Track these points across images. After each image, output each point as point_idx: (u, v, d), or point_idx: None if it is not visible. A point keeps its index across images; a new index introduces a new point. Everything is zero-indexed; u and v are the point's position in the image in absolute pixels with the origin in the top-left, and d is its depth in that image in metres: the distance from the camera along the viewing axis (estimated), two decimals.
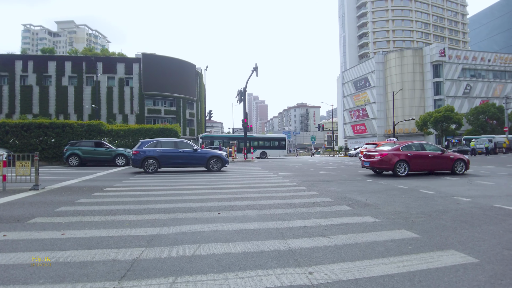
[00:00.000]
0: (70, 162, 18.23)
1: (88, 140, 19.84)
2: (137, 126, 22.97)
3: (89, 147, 18.77)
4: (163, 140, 14.64)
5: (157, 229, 4.49)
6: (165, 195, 7.73)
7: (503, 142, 39.46)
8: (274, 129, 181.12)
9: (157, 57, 50.93)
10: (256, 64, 22.60)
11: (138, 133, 22.11)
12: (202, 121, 56.49)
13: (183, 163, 14.20)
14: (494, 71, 67.16)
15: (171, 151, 14.16)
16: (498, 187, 8.69)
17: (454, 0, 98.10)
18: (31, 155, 8.91)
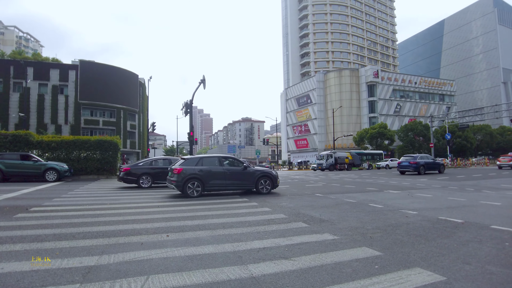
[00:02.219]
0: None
1: (13, 153, 17.58)
2: (71, 137, 21.02)
3: (14, 160, 16.57)
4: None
5: (95, 258, 3.83)
6: (104, 215, 6.90)
7: (345, 157, 39.75)
8: (219, 143, 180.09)
9: (97, 65, 47.89)
10: (203, 76, 22.14)
11: (73, 145, 20.22)
12: (144, 133, 53.96)
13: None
14: (420, 93, 74.29)
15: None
16: (437, 199, 9.21)
17: (385, 27, 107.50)
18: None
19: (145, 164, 14.73)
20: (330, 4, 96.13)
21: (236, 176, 10.99)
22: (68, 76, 44.98)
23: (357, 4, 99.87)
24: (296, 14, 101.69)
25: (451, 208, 7.72)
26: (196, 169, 10.48)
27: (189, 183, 10.24)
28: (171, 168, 10.86)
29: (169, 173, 10.88)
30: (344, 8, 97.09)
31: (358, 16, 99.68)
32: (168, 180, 10.78)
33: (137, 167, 14.54)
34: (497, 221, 6.05)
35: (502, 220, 6.09)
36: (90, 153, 20.62)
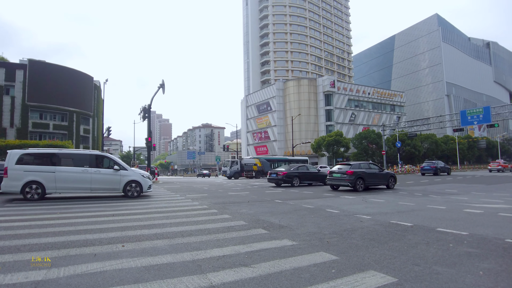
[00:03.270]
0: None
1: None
2: (17, 141, 19.59)
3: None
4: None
5: (43, 272, 3.57)
6: (53, 225, 6.46)
7: (253, 164, 37.66)
8: (178, 148, 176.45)
9: (48, 65, 45.03)
10: (162, 81, 21.67)
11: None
12: (99, 138, 51.47)
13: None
14: (373, 103, 78.24)
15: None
16: (388, 204, 9.71)
17: (342, 40, 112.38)
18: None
19: (295, 169, 19.68)
20: (290, 15, 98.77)
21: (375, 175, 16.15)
22: (15, 76, 41.85)
23: (316, 17, 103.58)
24: (257, 23, 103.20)
25: (402, 212, 8.18)
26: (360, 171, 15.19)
27: (357, 181, 14.85)
28: (341, 170, 15.47)
29: (339, 175, 15.49)
30: (303, 20, 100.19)
31: (316, 28, 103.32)
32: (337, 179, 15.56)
33: (291, 171, 19.32)
34: (442, 224, 6.49)
35: (447, 223, 6.55)
36: None
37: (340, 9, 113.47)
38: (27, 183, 11.01)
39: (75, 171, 11.70)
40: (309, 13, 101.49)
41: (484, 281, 3.28)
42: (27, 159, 11.40)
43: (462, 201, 10.47)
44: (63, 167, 11.61)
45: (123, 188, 12.33)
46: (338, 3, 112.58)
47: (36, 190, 11.14)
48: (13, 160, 11.09)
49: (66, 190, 11.81)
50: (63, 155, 12.13)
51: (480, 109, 36.36)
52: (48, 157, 11.79)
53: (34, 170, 11.19)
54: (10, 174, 10.92)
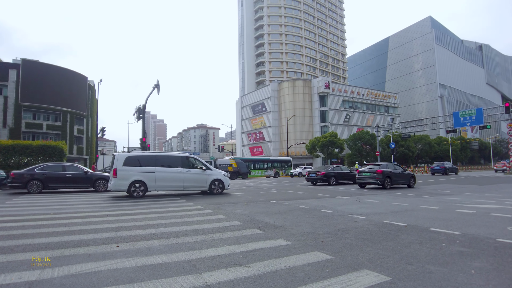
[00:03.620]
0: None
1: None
2: (10, 142, 19.36)
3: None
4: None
5: (37, 273, 3.56)
6: (47, 225, 6.42)
7: (228, 165, 35.28)
8: (173, 149, 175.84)
9: (41, 65, 44.63)
10: (157, 81, 21.60)
11: (12, 150, 18.61)
12: (93, 138, 51.10)
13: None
14: (367, 104, 78.72)
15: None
16: (382, 205, 9.78)
17: (336, 41, 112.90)
18: None
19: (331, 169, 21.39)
20: (285, 16, 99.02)
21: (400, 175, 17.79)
22: (8, 76, 41.41)
23: (310, 18, 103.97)
24: (252, 24, 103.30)
25: (395, 212, 8.25)
26: (388, 171, 16.96)
27: (386, 179, 16.64)
28: (370, 170, 17.15)
29: (369, 174, 17.12)
30: (298, 21, 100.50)
31: (311, 29, 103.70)
32: (366, 178, 17.17)
33: (328, 171, 21.06)
34: (435, 223, 6.56)
35: (440, 223, 6.62)
36: (32, 159, 19.13)
37: (335, 10, 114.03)
38: (132, 182, 12.25)
39: (171, 171, 13.09)
40: (304, 14, 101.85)
41: (476, 280, 3.34)
42: (131, 161, 12.61)
43: (455, 201, 10.59)
44: (161, 168, 12.97)
45: (209, 186, 13.76)
46: (333, 4, 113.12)
47: (140, 188, 12.41)
48: (120, 162, 12.31)
49: (164, 188, 13.21)
50: (160, 157, 13.55)
51: (473, 110, 36.77)
52: (148, 158, 13.18)
53: (138, 171, 12.44)
54: (119, 175, 12.15)
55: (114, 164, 12.29)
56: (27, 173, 14.42)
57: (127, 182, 12.21)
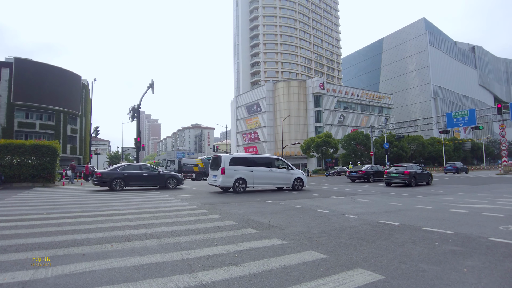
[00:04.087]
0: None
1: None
2: (3, 141, 19.10)
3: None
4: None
5: (30, 272, 3.53)
6: (40, 225, 6.37)
7: (194, 165, 33.54)
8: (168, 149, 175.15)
9: (34, 64, 44.18)
10: (152, 81, 21.49)
11: (4, 149, 18.38)
12: (86, 138, 50.71)
13: None
14: (361, 105, 79.08)
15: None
16: (376, 204, 9.85)
17: (331, 42, 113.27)
18: None
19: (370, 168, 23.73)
20: (280, 16, 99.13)
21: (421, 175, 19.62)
22: (1, 74, 40.94)
23: (305, 19, 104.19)
24: (247, 24, 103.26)
25: (389, 212, 8.31)
26: (413, 171, 18.67)
27: (412, 179, 18.34)
28: (398, 170, 18.77)
29: (397, 174, 18.72)
30: (293, 21, 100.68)
31: (306, 30, 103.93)
32: (394, 178, 18.73)
33: (368, 170, 23.47)
34: (428, 223, 6.63)
35: (433, 222, 6.69)
36: (25, 159, 18.92)
37: (330, 11, 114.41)
38: (236, 179, 14.35)
39: (265, 171, 15.24)
40: (299, 15, 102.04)
41: (468, 278, 3.38)
42: (235, 161, 14.58)
43: (448, 201, 10.69)
44: (257, 167, 15.04)
45: (292, 183, 15.86)
46: (327, 5, 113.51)
47: (242, 184, 14.53)
48: (226, 162, 14.35)
49: (259, 185, 15.24)
50: (256, 158, 15.73)
51: (466, 111, 37.13)
52: (247, 159, 15.28)
53: (240, 170, 14.57)
54: (226, 173, 14.24)
55: (222, 164, 14.26)
56: (112, 173, 16.20)
57: (232, 179, 14.32)
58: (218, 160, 14.91)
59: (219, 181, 14.31)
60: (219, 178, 14.29)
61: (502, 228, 6.03)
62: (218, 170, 14.47)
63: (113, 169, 16.57)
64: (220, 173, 14.25)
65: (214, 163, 15.23)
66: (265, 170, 15.29)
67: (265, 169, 15.32)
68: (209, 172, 15.78)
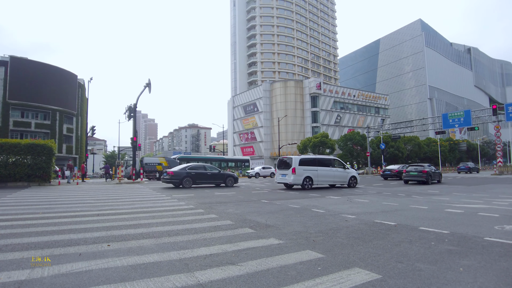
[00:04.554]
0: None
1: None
2: None
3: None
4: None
5: (26, 272, 3.51)
6: (36, 225, 6.33)
7: (157, 164, 32.59)
8: (164, 149, 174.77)
9: (30, 62, 43.89)
10: (149, 80, 21.45)
11: (0, 148, 18.29)
12: (82, 137, 50.51)
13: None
14: (358, 105, 79.39)
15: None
16: (373, 204, 9.88)
17: (328, 43, 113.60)
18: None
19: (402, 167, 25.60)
20: (277, 17, 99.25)
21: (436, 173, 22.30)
22: None
23: (303, 19, 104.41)
24: (245, 24, 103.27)
25: (385, 212, 8.34)
26: (431, 171, 21.29)
27: (429, 177, 20.69)
28: (417, 169, 20.98)
29: (416, 173, 20.87)
30: (290, 22, 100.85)
31: (303, 30, 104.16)
32: (413, 176, 20.95)
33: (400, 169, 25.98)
34: (424, 223, 6.66)
35: (429, 222, 6.72)
36: (20, 158, 18.81)
37: (327, 12, 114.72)
38: (305, 178, 16.19)
39: (326, 170, 17.12)
40: (296, 15, 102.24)
41: (464, 277, 3.40)
42: (303, 162, 16.45)
43: (444, 201, 10.75)
44: (321, 167, 16.87)
45: (348, 181, 17.67)
46: (325, 6, 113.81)
47: (309, 182, 16.36)
48: (296, 163, 16.14)
49: (322, 182, 17.04)
50: (320, 159, 17.77)
51: (461, 112, 37.37)
52: (313, 160, 17.17)
53: (308, 169, 16.36)
54: (297, 172, 16.03)
55: (293, 164, 16.07)
56: (182, 172, 17.86)
57: (301, 177, 16.11)
58: (287, 161, 16.74)
59: (291, 179, 16.06)
60: (291, 177, 16.07)
61: (498, 228, 6.07)
62: (289, 170, 16.25)
63: (182, 169, 18.14)
64: (291, 173, 16.03)
65: (283, 164, 17.05)
66: (327, 170, 17.23)
67: (327, 168, 17.24)
68: (276, 171, 17.91)
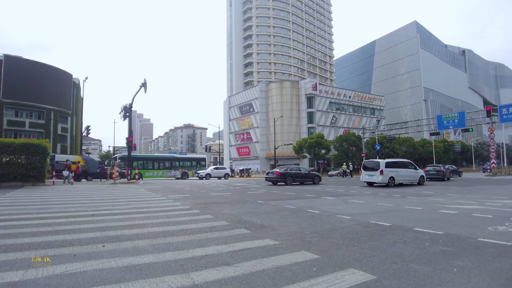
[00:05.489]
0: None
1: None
2: None
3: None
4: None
5: (20, 273, 3.48)
6: (30, 225, 6.28)
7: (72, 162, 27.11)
8: (160, 149, 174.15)
9: (24, 61, 43.52)
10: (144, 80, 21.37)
11: None
12: (77, 137, 50.17)
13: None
14: (354, 106, 79.68)
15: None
16: (368, 205, 9.93)
17: (324, 44, 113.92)
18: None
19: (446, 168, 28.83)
20: (273, 17, 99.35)
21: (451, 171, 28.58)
22: None
23: (299, 20, 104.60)
24: (241, 24, 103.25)
25: (380, 212, 8.38)
26: (448, 170, 25.95)
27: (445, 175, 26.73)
28: (436, 169, 25.76)
29: (435, 172, 25.60)
30: (286, 23, 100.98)
31: (299, 31, 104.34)
32: (433, 175, 26.23)
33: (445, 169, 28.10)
34: (419, 224, 6.70)
35: (423, 223, 6.77)
36: (14, 158, 18.65)
37: (323, 13, 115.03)
38: (389, 177, 19.34)
39: (403, 171, 20.58)
40: (293, 16, 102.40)
41: (458, 278, 3.43)
42: (387, 165, 19.67)
43: (438, 202, 10.82)
44: (399, 168, 20.33)
45: (418, 180, 21.09)
46: (321, 7, 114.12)
47: (393, 181, 19.54)
48: (383, 166, 19.33)
49: (400, 181, 20.14)
50: (399, 161, 21.48)
51: (456, 114, 37.64)
52: (394, 163, 20.56)
53: (391, 171, 19.59)
54: (384, 173, 19.13)
55: (381, 167, 19.20)
56: (286, 173, 22.37)
57: (387, 177, 19.20)
58: (375, 163, 19.98)
59: (379, 179, 19.12)
60: (379, 177, 19.15)
61: (491, 229, 6.13)
62: (377, 171, 19.35)
63: (285, 170, 22.73)
64: (379, 174, 19.13)
65: (370, 166, 20.30)
66: (404, 171, 20.63)
67: (404, 169, 20.68)
68: (362, 171, 20.78)
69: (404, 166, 21.07)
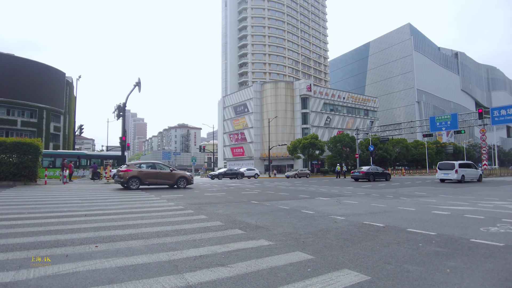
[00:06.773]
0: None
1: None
2: None
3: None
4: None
5: (11, 274, 3.43)
6: (22, 225, 6.20)
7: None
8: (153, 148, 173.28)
9: (16, 59, 43.01)
10: (139, 79, 21.24)
11: None
12: (70, 136, 49.70)
13: None
14: (347, 107, 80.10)
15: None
16: (361, 206, 9.97)
17: (318, 45, 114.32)
18: None
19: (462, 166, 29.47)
20: (269, 18, 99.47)
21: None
22: None
23: (294, 21, 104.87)
24: (236, 24, 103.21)
25: (374, 213, 8.42)
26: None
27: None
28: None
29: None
30: (281, 23, 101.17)
31: (294, 32, 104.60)
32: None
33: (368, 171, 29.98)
34: (412, 224, 6.75)
35: (416, 224, 6.81)
36: (5, 157, 18.41)
37: (318, 14, 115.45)
38: (462, 175, 24.12)
39: (469, 170, 25.50)
40: (288, 17, 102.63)
41: (451, 278, 3.45)
42: (460, 165, 24.40)
43: (431, 203, 10.91)
44: (467, 169, 25.17)
45: (478, 177, 25.96)
46: (316, 8, 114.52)
47: (463, 179, 24.39)
48: (457, 166, 24.03)
49: (467, 179, 25.16)
50: (466, 163, 25.79)
51: (448, 116, 38.02)
52: (464, 164, 25.25)
53: (463, 170, 24.39)
54: (458, 172, 24.00)
55: (455, 167, 24.09)
56: (369, 172, 27.79)
57: (460, 175, 23.94)
58: (449, 165, 24.42)
59: (454, 177, 23.71)
60: (454, 175, 23.70)
61: (483, 230, 6.19)
62: (452, 170, 23.93)
63: (368, 169, 27.34)
64: (454, 172, 23.67)
65: (445, 166, 24.76)
66: (469, 170, 25.17)
67: (469, 169, 25.25)
68: (438, 171, 24.92)
69: (468, 166, 25.64)
